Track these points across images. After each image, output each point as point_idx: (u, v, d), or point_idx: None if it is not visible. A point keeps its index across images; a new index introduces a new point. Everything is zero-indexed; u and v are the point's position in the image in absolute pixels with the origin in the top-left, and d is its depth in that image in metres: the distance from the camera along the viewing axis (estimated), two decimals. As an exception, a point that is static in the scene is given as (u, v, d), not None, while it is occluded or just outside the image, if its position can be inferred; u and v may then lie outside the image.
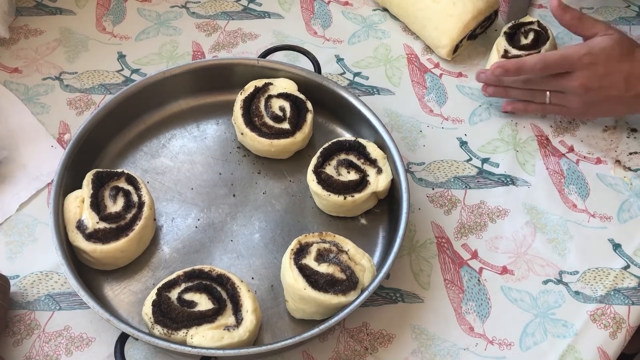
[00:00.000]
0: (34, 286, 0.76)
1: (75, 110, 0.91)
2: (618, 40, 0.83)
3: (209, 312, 0.69)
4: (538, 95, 0.88)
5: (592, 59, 0.82)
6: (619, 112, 0.90)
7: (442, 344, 0.74)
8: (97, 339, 0.73)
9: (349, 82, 0.96)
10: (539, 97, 0.88)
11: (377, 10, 1.05)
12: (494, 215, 0.84)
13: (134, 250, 0.76)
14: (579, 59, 0.82)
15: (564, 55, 0.83)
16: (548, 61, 0.84)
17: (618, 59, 0.82)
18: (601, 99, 0.85)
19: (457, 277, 0.79)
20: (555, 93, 0.87)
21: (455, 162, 0.88)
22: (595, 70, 0.83)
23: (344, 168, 0.81)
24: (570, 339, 0.75)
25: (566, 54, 0.83)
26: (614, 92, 0.84)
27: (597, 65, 0.82)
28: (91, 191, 0.76)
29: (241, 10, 1.04)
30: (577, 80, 0.83)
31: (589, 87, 0.83)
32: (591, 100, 0.85)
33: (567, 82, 0.84)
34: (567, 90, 0.85)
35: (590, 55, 0.82)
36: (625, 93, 0.84)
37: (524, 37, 0.91)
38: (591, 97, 0.85)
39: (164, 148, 0.87)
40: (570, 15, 0.84)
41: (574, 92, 0.85)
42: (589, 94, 0.84)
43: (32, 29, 0.99)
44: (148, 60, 0.97)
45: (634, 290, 0.79)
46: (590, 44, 0.83)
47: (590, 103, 0.86)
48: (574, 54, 0.83)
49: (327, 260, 0.72)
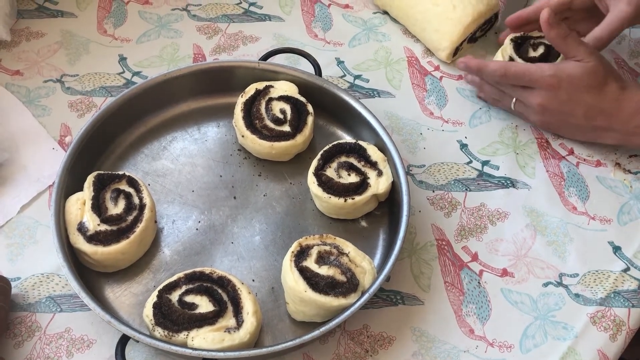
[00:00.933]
0: (35, 288, 0.76)
1: (76, 113, 0.91)
2: (591, 70, 0.81)
3: (209, 314, 0.69)
4: (505, 98, 0.90)
5: (555, 82, 0.82)
6: (579, 138, 0.89)
7: (443, 346, 0.74)
8: (98, 341, 0.73)
9: (350, 84, 0.96)
10: (505, 100, 0.90)
11: (377, 13, 1.05)
12: (494, 218, 0.84)
13: (134, 253, 0.76)
14: (542, 78, 0.82)
15: (526, 70, 0.83)
16: (509, 71, 0.84)
17: (584, 89, 0.81)
18: (559, 122, 0.86)
19: (458, 280, 0.79)
20: (519, 102, 0.88)
21: (455, 165, 0.89)
22: (556, 94, 0.82)
23: (344, 170, 0.81)
24: (570, 342, 0.75)
25: (529, 70, 0.83)
26: (573, 120, 0.84)
27: (560, 90, 0.82)
28: (92, 193, 0.76)
29: (242, 13, 1.04)
30: (536, 99, 0.84)
31: (547, 109, 0.84)
32: (549, 121, 0.87)
33: (528, 97, 0.85)
34: (527, 104, 0.86)
35: (554, 77, 0.81)
36: (584, 123, 0.84)
37: (532, 50, 0.90)
38: (548, 118, 0.86)
39: (165, 150, 0.87)
40: (556, 32, 0.82)
41: (532, 109, 0.86)
42: (547, 114, 0.85)
43: (33, 31, 1.00)
44: (149, 62, 0.97)
45: (634, 293, 0.79)
46: (559, 66, 0.83)
47: (548, 123, 0.88)
48: (538, 71, 0.82)
49: (328, 263, 0.72)
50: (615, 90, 0.82)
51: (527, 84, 0.84)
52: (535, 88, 0.84)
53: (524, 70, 0.84)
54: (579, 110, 0.83)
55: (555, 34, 0.82)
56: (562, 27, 0.82)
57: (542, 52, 0.89)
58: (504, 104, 0.91)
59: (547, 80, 0.82)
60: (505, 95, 0.89)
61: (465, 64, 0.89)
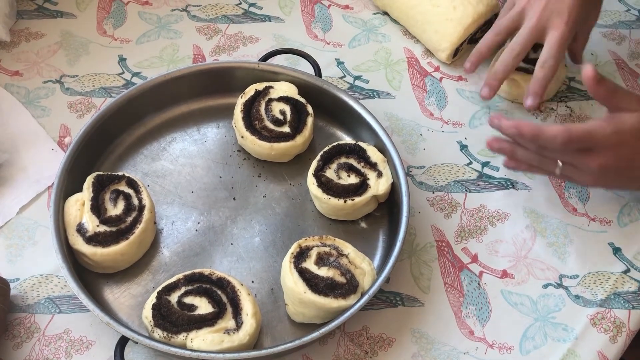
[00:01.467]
0: (34, 289, 0.76)
1: (75, 114, 0.91)
2: None
3: (209, 315, 0.69)
4: (548, 164, 0.78)
5: (618, 140, 0.73)
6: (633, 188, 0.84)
7: (442, 347, 0.74)
8: (97, 342, 0.73)
9: (350, 85, 0.96)
10: (548, 165, 0.78)
11: (377, 14, 1.05)
12: (494, 219, 0.84)
13: (134, 254, 0.76)
14: (605, 138, 0.73)
15: (589, 132, 0.74)
16: (572, 136, 0.74)
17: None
18: (615, 179, 0.79)
19: (457, 281, 0.79)
20: (568, 167, 0.78)
21: (455, 166, 0.89)
22: (618, 151, 0.74)
23: (344, 171, 0.81)
24: (570, 343, 0.75)
25: (592, 131, 0.74)
26: (631, 173, 0.77)
27: (623, 147, 0.74)
28: (92, 194, 0.76)
29: (242, 14, 1.04)
30: (596, 160, 0.75)
31: (607, 169, 0.75)
32: (605, 178, 0.78)
33: (586, 160, 0.75)
34: (582, 167, 0.77)
35: (617, 134, 0.73)
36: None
37: (532, 51, 0.89)
38: (605, 176, 0.77)
39: (165, 151, 0.87)
40: (604, 88, 0.74)
41: (589, 170, 0.76)
42: (605, 174, 0.77)
43: (33, 32, 0.99)
44: (149, 63, 0.97)
45: (634, 294, 0.79)
46: (618, 121, 0.74)
47: (603, 182, 0.80)
48: (600, 131, 0.73)
49: (327, 264, 0.72)
50: None
51: (590, 146, 0.74)
52: (595, 149, 0.75)
53: (588, 132, 0.74)
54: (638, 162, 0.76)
55: (605, 89, 0.74)
56: (608, 82, 0.74)
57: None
58: (544, 170, 0.80)
59: (610, 139, 0.73)
60: (548, 160, 0.78)
61: (517, 128, 0.76)
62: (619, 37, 1.04)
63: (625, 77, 0.99)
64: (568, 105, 0.95)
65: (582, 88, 0.97)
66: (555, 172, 0.78)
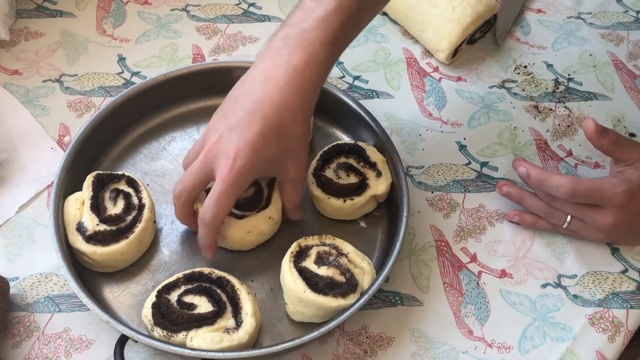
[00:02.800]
0: (33, 288, 0.76)
1: (75, 113, 0.91)
2: None
3: (208, 314, 0.69)
4: (556, 216, 0.78)
5: (629, 197, 0.72)
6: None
7: (441, 347, 0.74)
8: (96, 341, 0.73)
9: (349, 85, 0.96)
10: (556, 217, 0.78)
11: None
12: (493, 219, 0.84)
13: (133, 253, 0.76)
14: (615, 196, 0.72)
15: (597, 188, 0.73)
16: (578, 190, 0.73)
17: None
18: (626, 235, 0.78)
19: (456, 281, 0.79)
20: (576, 222, 0.77)
21: (454, 166, 0.89)
22: (629, 209, 0.73)
23: (343, 171, 0.81)
24: (569, 343, 0.75)
25: (600, 187, 0.73)
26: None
27: (632, 204, 0.73)
28: (91, 193, 0.76)
29: (241, 14, 1.04)
30: (607, 218, 0.74)
31: (618, 226, 0.74)
32: (615, 235, 0.78)
33: (596, 216, 0.75)
34: (591, 223, 0.76)
35: (628, 192, 0.72)
36: None
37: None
38: (615, 234, 0.77)
39: (164, 151, 0.87)
40: (607, 140, 0.74)
41: (599, 228, 0.76)
42: (614, 232, 0.76)
43: (32, 31, 0.99)
44: (148, 63, 0.97)
45: (632, 294, 0.79)
46: (628, 178, 0.73)
47: (612, 237, 0.79)
48: (610, 188, 0.72)
49: (327, 263, 0.72)
50: None
51: (598, 202, 0.74)
52: (605, 206, 0.74)
53: (596, 188, 0.73)
54: None
55: (608, 141, 0.74)
56: (610, 133, 0.74)
57: None
58: (550, 224, 0.80)
59: (620, 197, 0.72)
60: (556, 211, 0.78)
61: (525, 168, 0.77)
62: (617, 38, 1.04)
63: (624, 78, 0.99)
64: (567, 105, 0.95)
65: (580, 89, 0.97)
66: (562, 226, 0.78)
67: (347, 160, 0.82)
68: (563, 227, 0.78)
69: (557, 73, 0.99)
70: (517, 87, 0.97)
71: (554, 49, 1.02)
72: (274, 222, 0.77)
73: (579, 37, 1.04)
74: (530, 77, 0.98)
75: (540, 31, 1.04)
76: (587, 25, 1.05)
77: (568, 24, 1.05)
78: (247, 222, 0.75)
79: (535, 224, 0.81)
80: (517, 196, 0.81)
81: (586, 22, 1.06)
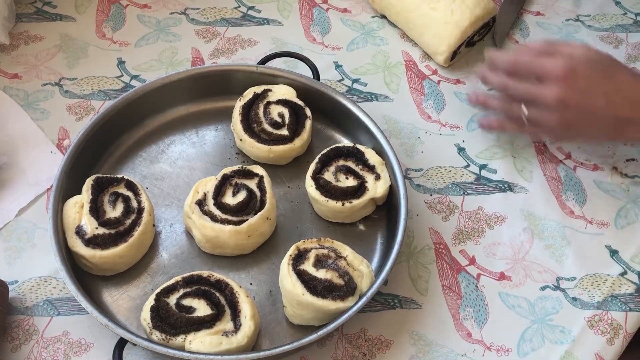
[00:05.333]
0: (32, 291, 0.76)
1: (74, 116, 0.91)
2: (601, 54, 0.75)
3: (207, 317, 0.69)
4: (514, 108, 0.81)
5: (569, 69, 0.74)
6: (598, 137, 0.83)
7: (440, 349, 0.74)
8: (95, 345, 0.73)
9: (348, 88, 0.96)
10: (514, 109, 0.81)
11: (375, 17, 1.06)
12: (492, 222, 0.84)
13: (132, 256, 0.76)
14: (555, 68, 0.75)
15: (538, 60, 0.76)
16: (520, 60, 0.78)
17: (600, 73, 0.75)
18: (579, 119, 0.77)
19: (455, 283, 0.79)
20: (531, 108, 0.79)
21: (453, 169, 0.89)
22: (574, 83, 0.75)
23: (342, 174, 0.81)
24: (567, 345, 0.75)
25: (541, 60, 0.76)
26: (595, 113, 0.76)
27: (577, 78, 0.74)
28: (90, 197, 0.76)
29: (240, 17, 1.05)
30: (553, 91, 0.75)
31: (566, 103, 0.75)
32: (569, 119, 0.77)
33: (543, 92, 0.76)
34: (542, 104, 0.77)
35: (568, 65, 0.74)
36: (607, 114, 0.76)
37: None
38: (569, 116, 0.77)
39: (163, 154, 0.87)
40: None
41: (550, 107, 0.76)
42: (567, 111, 0.76)
43: (32, 35, 1.00)
44: (147, 66, 0.97)
45: (631, 297, 0.79)
46: (570, 50, 0.76)
47: (567, 124, 0.78)
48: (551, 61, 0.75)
49: (326, 266, 0.72)
50: (629, 78, 0.76)
51: (540, 72, 0.76)
52: (548, 79, 0.75)
53: (536, 59, 0.77)
54: (601, 100, 0.75)
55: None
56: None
57: None
58: (512, 126, 0.83)
59: (560, 68, 0.74)
60: (513, 104, 0.81)
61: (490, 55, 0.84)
62: (615, 41, 1.04)
63: (622, 80, 0.99)
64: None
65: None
66: (522, 117, 0.80)
67: (346, 163, 0.82)
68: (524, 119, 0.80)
69: (556, 75, 0.99)
70: (516, 89, 0.97)
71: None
72: (271, 221, 0.78)
73: (578, 39, 1.04)
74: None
75: (539, 34, 1.04)
76: (586, 28, 1.05)
77: (567, 27, 1.05)
78: (246, 226, 0.75)
79: (502, 125, 0.85)
80: (483, 99, 0.87)
81: (585, 24, 1.06)
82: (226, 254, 0.78)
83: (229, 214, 0.76)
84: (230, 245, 0.76)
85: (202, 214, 0.76)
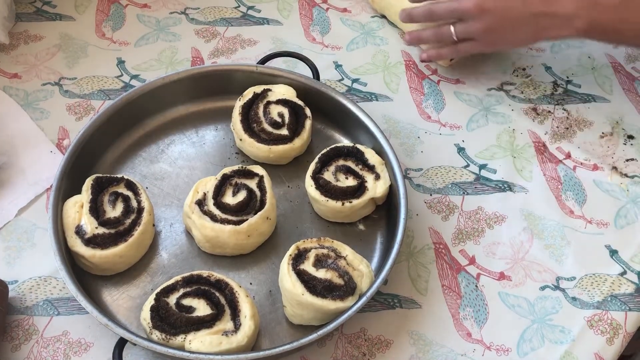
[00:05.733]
0: (32, 291, 0.76)
1: (74, 116, 0.91)
2: None
3: (207, 317, 0.69)
4: (444, 30, 0.89)
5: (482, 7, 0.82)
6: (524, 38, 0.88)
7: (440, 349, 0.74)
8: (95, 344, 0.73)
9: (347, 88, 0.96)
10: (445, 32, 0.89)
11: (375, 17, 1.06)
12: (492, 221, 0.84)
13: (132, 256, 0.76)
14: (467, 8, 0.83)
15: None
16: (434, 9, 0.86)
17: None
18: (500, 21, 0.84)
19: (455, 283, 0.79)
20: (459, 25, 0.87)
21: (452, 168, 0.89)
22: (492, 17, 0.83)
23: (342, 174, 0.81)
24: (567, 345, 0.75)
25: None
26: (513, 14, 0.83)
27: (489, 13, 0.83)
28: (90, 196, 0.76)
29: (240, 17, 1.05)
30: (470, 1, 0.83)
31: (484, 8, 0.83)
32: (491, 24, 0.85)
33: (462, 4, 0.84)
34: (464, 16, 0.85)
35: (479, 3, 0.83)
36: (525, 12, 0.83)
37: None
38: (491, 19, 0.84)
39: (163, 154, 0.87)
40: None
41: (471, 16, 0.85)
42: (488, 16, 0.84)
43: (31, 34, 1.00)
44: (147, 66, 0.97)
45: (631, 297, 0.79)
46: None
47: (491, 29, 0.85)
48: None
49: (325, 266, 0.72)
50: None
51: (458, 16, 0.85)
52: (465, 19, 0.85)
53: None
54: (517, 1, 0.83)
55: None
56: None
57: None
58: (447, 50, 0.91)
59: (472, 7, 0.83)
60: (443, 29, 0.89)
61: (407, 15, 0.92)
62: (615, 41, 1.04)
63: (622, 81, 0.99)
64: (565, 108, 0.96)
65: (579, 91, 0.97)
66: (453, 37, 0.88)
67: (346, 162, 0.82)
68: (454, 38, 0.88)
69: (556, 75, 0.99)
70: (516, 89, 0.97)
71: (552, 52, 1.02)
72: (271, 221, 0.78)
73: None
74: (528, 79, 0.98)
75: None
76: (585, 28, 1.05)
77: (566, 27, 1.05)
78: (246, 226, 0.75)
79: (440, 53, 0.93)
80: (416, 35, 0.94)
81: (585, 24, 1.06)
82: (226, 253, 0.78)
83: (229, 214, 0.76)
84: (230, 245, 0.76)
85: (202, 214, 0.76)
